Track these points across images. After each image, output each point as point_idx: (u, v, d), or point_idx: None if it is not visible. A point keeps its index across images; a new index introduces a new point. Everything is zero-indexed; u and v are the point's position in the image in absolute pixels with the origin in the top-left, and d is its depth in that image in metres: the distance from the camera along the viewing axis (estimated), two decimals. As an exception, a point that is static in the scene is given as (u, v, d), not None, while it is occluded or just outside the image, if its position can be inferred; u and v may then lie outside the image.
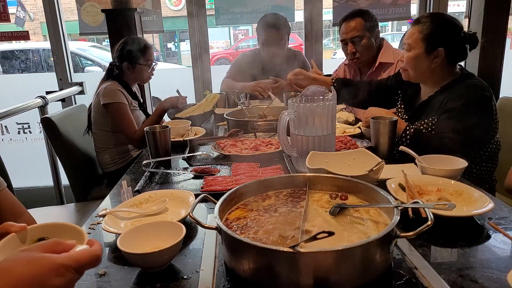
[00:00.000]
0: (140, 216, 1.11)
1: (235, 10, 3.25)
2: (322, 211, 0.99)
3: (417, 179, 1.23)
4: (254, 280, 0.80)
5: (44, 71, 5.82)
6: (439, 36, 1.65)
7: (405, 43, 1.72)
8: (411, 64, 1.70)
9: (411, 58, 1.69)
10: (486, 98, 1.61)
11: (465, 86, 1.64)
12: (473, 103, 1.59)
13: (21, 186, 3.40)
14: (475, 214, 1.02)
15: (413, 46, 1.68)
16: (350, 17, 2.41)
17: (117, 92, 2.35)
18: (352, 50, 2.43)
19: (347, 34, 2.41)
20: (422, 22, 1.68)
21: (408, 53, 1.70)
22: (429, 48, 1.65)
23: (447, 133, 1.56)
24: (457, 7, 7.16)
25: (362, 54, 2.44)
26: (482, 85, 1.66)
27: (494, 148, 1.75)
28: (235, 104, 2.52)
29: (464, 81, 1.67)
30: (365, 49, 2.42)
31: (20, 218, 1.22)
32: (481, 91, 1.61)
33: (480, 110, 1.60)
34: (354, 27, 2.39)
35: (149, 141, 1.63)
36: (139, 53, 2.42)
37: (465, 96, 1.59)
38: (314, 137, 1.37)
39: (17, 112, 2.61)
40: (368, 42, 2.41)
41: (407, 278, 0.81)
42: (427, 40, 1.65)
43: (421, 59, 1.67)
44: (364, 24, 2.38)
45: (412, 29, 1.70)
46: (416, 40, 1.67)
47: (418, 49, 1.67)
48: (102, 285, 0.84)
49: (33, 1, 9.09)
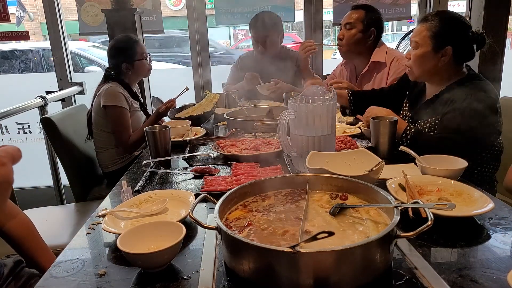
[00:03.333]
0: (140, 216, 1.11)
1: (235, 10, 3.26)
2: (322, 211, 0.99)
3: (417, 179, 1.22)
4: (254, 280, 0.80)
5: (44, 71, 5.82)
6: (448, 34, 1.64)
7: (412, 40, 1.71)
8: (417, 62, 1.69)
9: (418, 56, 1.68)
10: (491, 100, 1.59)
11: (471, 87, 1.62)
12: (478, 104, 1.56)
13: (21, 186, 3.40)
14: (475, 214, 1.02)
15: (420, 44, 1.66)
16: (356, 7, 2.46)
17: (119, 94, 2.35)
18: (340, 35, 2.46)
19: (344, 20, 2.46)
20: (430, 20, 1.66)
21: (415, 51, 1.68)
22: (437, 46, 1.64)
23: (450, 133, 1.55)
24: (457, 7, 7.16)
25: (346, 42, 2.44)
26: (488, 86, 1.64)
27: (496, 150, 1.73)
28: (235, 104, 2.52)
29: (470, 81, 1.65)
30: (350, 39, 2.42)
31: (15, 219, 1.22)
32: (486, 93, 1.60)
33: (485, 112, 1.57)
34: (352, 15, 2.42)
35: (149, 141, 1.63)
36: (133, 50, 2.43)
37: (470, 97, 1.57)
38: (314, 137, 1.37)
39: (17, 112, 2.61)
40: (356, 33, 2.41)
41: (407, 278, 0.81)
42: (436, 38, 1.64)
43: (428, 57, 1.66)
44: (362, 16, 2.40)
45: (419, 27, 1.69)
46: (424, 38, 1.65)
47: (425, 47, 1.66)
48: (102, 285, 0.84)
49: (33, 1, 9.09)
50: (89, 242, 1.05)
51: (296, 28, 9.67)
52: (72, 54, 3.83)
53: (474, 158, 1.67)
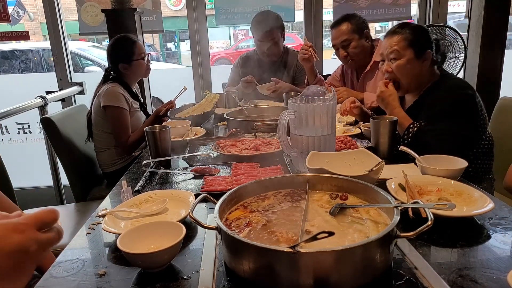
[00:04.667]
0: (140, 216, 1.11)
1: (235, 10, 3.26)
2: (322, 211, 0.99)
3: (417, 179, 1.22)
4: (254, 280, 0.80)
5: (44, 71, 5.81)
6: (423, 39, 1.71)
7: (390, 53, 1.72)
8: (404, 71, 1.71)
9: (403, 65, 1.70)
10: (470, 96, 1.64)
11: (448, 87, 1.68)
12: (459, 102, 1.62)
13: (21, 186, 3.39)
14: (475, 214, 1.02)
15: (402, 53, 1.70)
16: (337, 23, 2.47)
17: (118, 95, 2.35)
18: (343, 54, 2.48)
19: (336, 40, 2.47)
20: (399, 32, 1.72)
21: (397, 62, 1.71)
22: (418, 52, 1.69)
23: (439, 135, 1.58)
24: (457, 7, 7.16)
25: (354, 57, 2.47)
26: (464, 83, 1.71)
27: (486, 144, 1.76)
28: (235, 104, 2.52)
29: (445, 82, 1.71)
30: (356, 52, 2.45)
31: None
32: (464, 90, 1.65)
33: (466, 108, 1.63)
34: (342, 32, 2.43)
35: (149, 141, 1.63)
36: (130, 50, 2.43)
37: (449, 98, 1.63)
38: (314, 137, 1.37)
39: (17, 112, 2.61)
40: (357, 44, 2.44)
41: (407, 278, 0.81)
42: (414, 45, 1.69)
43: (413, 64, 1.70)
44: (351, 27, 2.42)
45: (393, 39, 1.72)
46: (403, 47, 1.70)
47: (408, 55, 1.70)
48: (102, 285, 0.84)
49: (33, 1, 9.09)
50: (89, 242, 1.05)
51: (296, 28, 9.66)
52: (72, 54, 3.83)
53: (466, 154, 1.68)
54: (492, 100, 2.36)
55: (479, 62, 2.84)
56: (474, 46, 2.88)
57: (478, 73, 2.84)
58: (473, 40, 2.90)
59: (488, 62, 2.84)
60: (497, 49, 2.83)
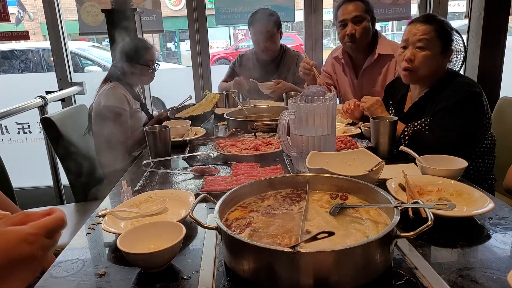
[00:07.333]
0: (140, 216, 1.11)
1: (235, 10, 3.25)
2: (322, 211, 0.98)
3: (417, 179, 1.22)
4: (254, 280, 0.80)
5: (44, 71, 5.82)
6: (451, 35, 1.68)
7: (418, 40, 1.66)
8: (427, 63, 1.67)
9: (429, 57, 1.66)
10: (477, 94, 1.63)
11: (456, 85, 1.67)
12: (465, 100, 1.61)
13: (21, 186, 3.39)
14: (475, 214, 1.02)
15: (430, 44, 1.65)
16: (350, 0, 2.37)
17: (119, 95, 2.35)
18: (352, 31, 2.34)
19: (349, 14, 2.35)
20: (432, 21, 1.67)
21: (424, 52, 1.66)
22: (444, 46, 1.67)
23: (443, 131, 1.58)
24: (457, 7, 7.17)
25: (360, 37, 2.37)
26: (471, 82, 1.70)
27: (489, 144, 1.76)
28: (235, 104, 2.52)
29: (453, 79, 1.70)
30: (364, 32, 2.36)
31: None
32: (471, 88, 1.64)
33: (473, 106, 1.62)
34: (358, 7, 2.34)
35: (149, 141, 1.63)
36: (140, 54, 2.42)
37: (457, 94, 1.62)
38: (314, 137, 1.37)
39: (17, 112, 2.61)
40: (367, 25, 2.37)
41: (407, 278, 0.81)
42: (442, 39, 1.66)
43: (438, 58, 1.68)
44: (364, 7, 2.35)
45: (424, 27, 1.66)
46: (433, 38, 1.65)
47: (435, 49, 1.66)
48: (102, 285, 0.84)
49: (33, 1, 9.10)
50: (89, 242, 1.05)
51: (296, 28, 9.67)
52: (72, 54, 3.84)
53: (468, 153, 1.69)
54: (492, 100, 2.35)
55: (479, 62, 2.84)
56: (474, 46, 2.88)
57: (478, 73, 2.84)
58: (473, 40, 2.89)
59: (488, 62, 2.84)
60: (497, 49, 2.82)
